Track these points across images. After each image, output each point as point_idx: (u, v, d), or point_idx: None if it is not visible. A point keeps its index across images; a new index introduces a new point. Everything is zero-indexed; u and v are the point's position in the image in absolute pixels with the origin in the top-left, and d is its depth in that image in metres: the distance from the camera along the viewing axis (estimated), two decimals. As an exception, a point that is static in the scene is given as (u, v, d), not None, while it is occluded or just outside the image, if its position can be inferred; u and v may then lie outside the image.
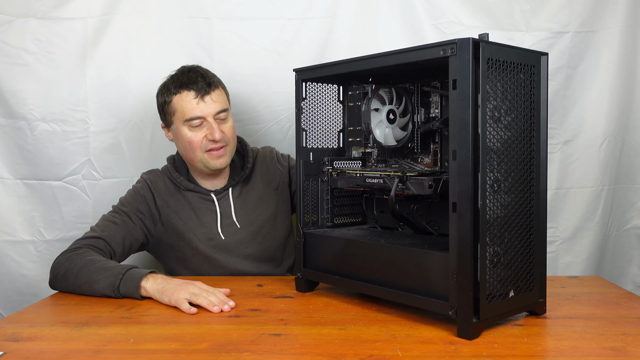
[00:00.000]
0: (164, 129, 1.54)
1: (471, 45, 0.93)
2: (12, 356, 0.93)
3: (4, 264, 1.79)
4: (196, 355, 0.92)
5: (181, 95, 1.44)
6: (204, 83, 1.43)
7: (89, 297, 1.29)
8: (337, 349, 0.94)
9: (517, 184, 1.02)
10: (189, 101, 1.43)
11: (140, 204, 1.49)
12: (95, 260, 1.31)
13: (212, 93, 1.44)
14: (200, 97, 1.42)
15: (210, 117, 1.43)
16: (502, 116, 0.99)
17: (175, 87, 1.45)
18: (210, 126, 1.43)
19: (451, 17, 1.77)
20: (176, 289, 1.19)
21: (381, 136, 1.28)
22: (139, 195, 1.50)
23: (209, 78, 1.46)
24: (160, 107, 1.51)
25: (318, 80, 1.34)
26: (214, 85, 1.46)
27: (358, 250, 1.19)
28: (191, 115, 1.42)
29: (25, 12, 1.72)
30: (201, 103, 1.42)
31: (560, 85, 1.79)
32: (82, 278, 1.28)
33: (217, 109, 1.44)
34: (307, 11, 1.78)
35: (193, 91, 1.43)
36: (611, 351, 0.92)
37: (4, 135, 1.76)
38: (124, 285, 1.24)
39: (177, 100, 1.44)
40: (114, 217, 1.47)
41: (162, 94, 1.48)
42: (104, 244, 1.41)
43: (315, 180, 1.35)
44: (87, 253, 1.34)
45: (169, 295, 1.19)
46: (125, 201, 1.51)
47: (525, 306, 1.07)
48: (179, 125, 1.45)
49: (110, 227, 1.44)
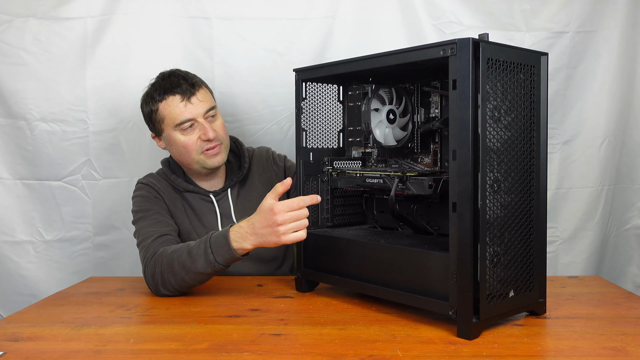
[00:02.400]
0: (155, 138, 1.52)
1: (471, 45, 0.93)
2: (12, 356, 0.93)
3: (3, 264, 1.79)
4: (196, 355, 0.92)
5: (167, 101, 1.41)
6: (187, 85, 1.41)
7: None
8: (337, 349, 0.94)
9: (517, 184, 1.02)
10: (176, 105, 1.40)
11: (155, 204, 1.45)
12: (177, 250, 1.25)
13: (197, 93, 1.42)
14: (186, 99, 1.40)
15: (200, 117, 1.41)
16: (502, 116, 0.99)
17: (159, 94, 1.42)
18: (202, 126, 1.41)
19: (451, 17, 1.77)
20: (267, 236, 1.16)
21: (381, 136, 1.28)
22: (151, 197, 1.46)
23: (190, 79, 1.44)
24: (147, 117, 1.48)
25: (318, 80, 1.34)
26: (197, 85, 1.44)
27: (358, 250, 1.19)
28: (181, 119, 1.40)
29: (24, 12, 1.72)
30: (188, 105, 1.40)
31: (560, 85, 1.79)
32: (180, 271, 1.23)
33: (205, 108, 1.42)
34: (307, 11, 1.78)
35: (178, 95, 1.40)
36: (611, 351, 0.92)
37: (3, 135, 1.76)
38: (218, 256, 1.19)
39: (163, 107, 1.42)
40: (149, 219, 1.40)
41: (147, 104, 1.45)
42: (168, 238, 1.35)
43: (315, 180, 1.35)
44: (165, 250, 1.28)
45: (268, 243, 1.17)
46: (142, 207, 1.44)
47: (525, 306, 1.07)
48: (170, 132, 1.43)
49: (155, 225, 1.38)
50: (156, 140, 1.52)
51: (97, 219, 1.81)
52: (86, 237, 1.81)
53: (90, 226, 1.81)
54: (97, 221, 1.81)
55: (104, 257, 1.83)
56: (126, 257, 1.83)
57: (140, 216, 1.42)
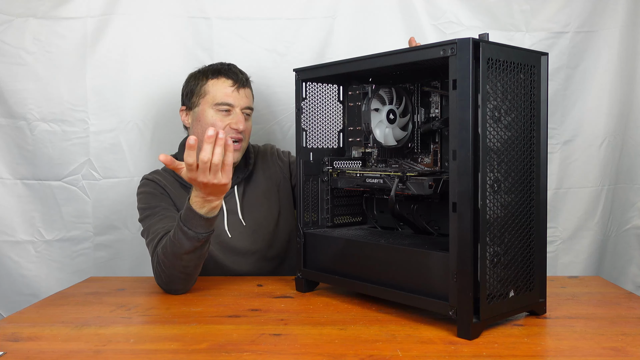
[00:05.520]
0: (183, 112, 1.55)
1: (471, 45, 0.93)
2: (12, 356, 0.93)
3: (4, 264, 1.79)
4: (196, 355, 0.92)
5: (218, 80, 1.48)
6: (242, 77, 1.50)
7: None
8: (337, 349, 0.94)
9: (517, 184, 1.02)
10: (226, 87, 1.47)
11: (162, 200, 1.46)
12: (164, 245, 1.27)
13: (246, 88, 1.51)
14: (236, 87, 1.48)
15: (238, 108, 1.48)
16: (502, 116, 0.99)
17: (214, 73, 1.49)
18: (236, 116, 1.47)
19: (451, 17, 1.77)
20: (214, 192, 1.17)
21: (381, 136, 1.28)
22: (157, 193, 1.47)
23: (245, 75, 1.53)
24: (189, 90, 1.52)
25: (318, 80, 1.34)
26: (249, 83, 1.53)
27: (358, 250, 1.19)
28: (223, 100, 1.46)
29: (24, 12, 1.72)
30: (235, 92, 1.47)
31: (560, 85, 1.79)
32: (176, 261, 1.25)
33: (247, 103, 1.50)
34: (307, 11, 1.79)
35: (231, 80, 1.48)
36: (611, 351, 0.92)
37: (3, 135, 1.76)
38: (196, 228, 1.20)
39: (212, 84, 1.48)
40: (156, 216, 1.41)
41: (196, 78, 1.51)
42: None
43: (315, 180, 1.35)
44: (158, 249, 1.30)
45: (221, 192, 1.18)
46: (148, 204, 1.45)
47: (525, 306, 1.07)
48: (206, 108, 1.47)
49: (162, 221, 1.38)
50: (183, 113, 1.55)
51: (97, 219, 1.81)
52: (86, 237, 1.81)
53: (90, 226, 1.81)
54: (97, 221, 1.81)
55: (104, 257, 1.83)
56: (126, 257, 1.83)
57: (148, 214, 1.43)
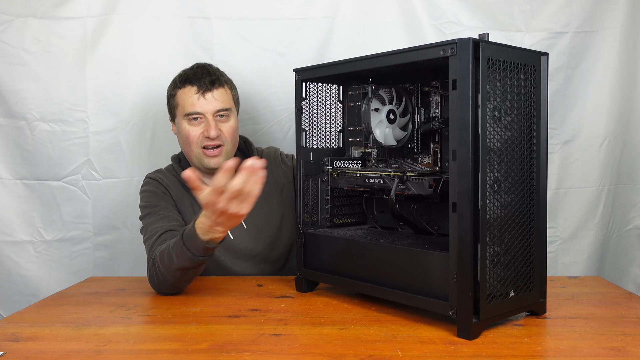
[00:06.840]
0: (171, 122, 1.55)
1: (471, 45, 0.93)
2: (12, 356, 0.93)
3: (3, 264, 1.79)
4: (196, 355, 0.92)
5: (184, 90, 1.46)
6: (208, 80, 1.45)
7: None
8: (337, 349, 0.94)
9: (517, 184, 1.02)
10: (190, 96, 1.44)
11: (163, 200, 1.46)
12: (163, 251, 1.25)
13: (214, 91, 1.44)
14: (201, 94, 1.44)
15: (209, 114, 1.44)
16: (502, 116, 0.99)
17: (181, 82, 1.47)
18: (207, 123, 1.44)
19: (451, 18, 1.77)
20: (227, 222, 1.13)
21: (381, 136, 1.28)
22: (159, 193, 1.47)
23: (215, 76, 1.47)
24: (167, 101, 1.53)
25: (318, 80, 1.34)
26: (219, 83, 1.46)
27: (358, 250, 1.19)
28: (190, 110, 1.44)
29: (24, 12, 1.72)
30: (201, 99, 1.43)
31: (560, 85, 1.79)
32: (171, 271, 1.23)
33: (217, 107, 1.44)
34: (307, 11, 1.78)
35: (195, 87, 1.44)
36: (611, 351, 0.92)
37: (3, 135, 1.76)
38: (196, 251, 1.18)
39: (180, 94, 1.47)
40: (156, 215, 1.41)
41: (170, 88, 1.51)
42: (174, 233, 1.33)
43: (315, 180, 1.34)
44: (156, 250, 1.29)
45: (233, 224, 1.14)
46: (149, 202, 1.45)
47: (525, 306, 1.06)
48: (180, 119, 1.47)
49: (162, 220, 1.38)
50: (172, 124, 1.56)
51: (97, 219, 1.81)
52: (86, 237, 1.81)
53: (90, 226, 1.81)
54: (97, 221, 1.81)
55: (104, 257, 1.83)
56: (126, 257, 1.83)
57: (148, 212, 1.44)
